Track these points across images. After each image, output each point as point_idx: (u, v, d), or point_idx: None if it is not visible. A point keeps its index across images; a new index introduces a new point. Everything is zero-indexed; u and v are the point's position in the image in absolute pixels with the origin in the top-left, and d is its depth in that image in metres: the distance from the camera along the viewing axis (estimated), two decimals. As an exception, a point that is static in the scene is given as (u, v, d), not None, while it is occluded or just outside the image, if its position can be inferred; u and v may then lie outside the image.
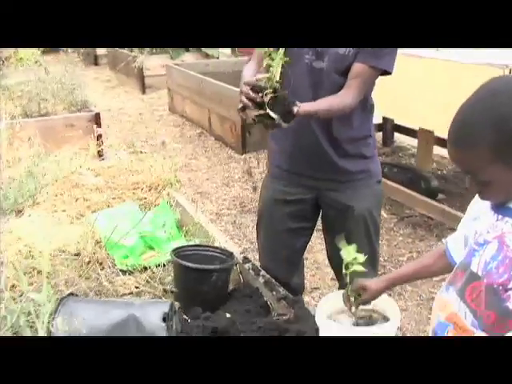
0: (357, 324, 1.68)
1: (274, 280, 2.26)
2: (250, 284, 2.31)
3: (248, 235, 4.71)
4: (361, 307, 1.70)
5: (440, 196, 5.19)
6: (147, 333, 1.69)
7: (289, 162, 2.62)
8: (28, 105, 4.65)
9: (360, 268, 1.67)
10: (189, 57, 11.02)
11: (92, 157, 3.76)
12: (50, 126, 4.24)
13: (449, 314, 1.57)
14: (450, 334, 1.57)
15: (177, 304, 1.86)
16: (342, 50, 2.34)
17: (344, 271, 1.70)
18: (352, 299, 1.73)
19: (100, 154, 3.99)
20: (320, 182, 2.58)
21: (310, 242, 2.90)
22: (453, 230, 4.75)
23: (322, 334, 1.62)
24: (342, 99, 2.37)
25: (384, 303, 1.68)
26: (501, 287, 1.43)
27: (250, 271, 2.33)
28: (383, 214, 4.85)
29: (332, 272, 3.02)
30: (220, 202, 5.53)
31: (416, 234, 4.74)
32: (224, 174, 6.30)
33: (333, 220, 2.65)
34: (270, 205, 2.71)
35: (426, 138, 5.39)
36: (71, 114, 4.58)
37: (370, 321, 1.68)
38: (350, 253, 1.67)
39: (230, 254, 2.32)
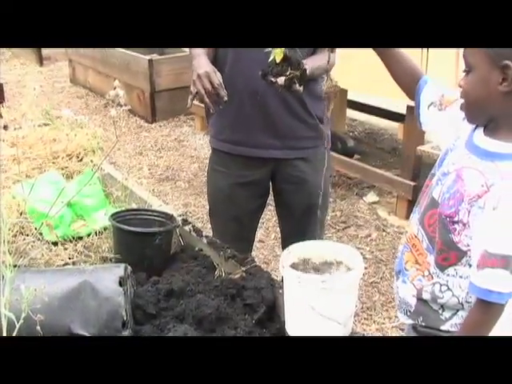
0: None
1: (217, 240, 2.20)
2: (193, 246, 2.24)
3: (170, 203, 4.61)
4: (324, 258, 1.66)
5: (356, 156, 5.27)
6: (103, 298, 1.59)
7: (245, 130, 2.49)
8: None
9: None
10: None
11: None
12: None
13: (409, 235, 1.60)
14: (404, 257, 1.61)
15: (129, 268, 1.75)
16: None
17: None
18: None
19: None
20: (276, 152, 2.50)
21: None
22: (372, 187, 4.85)
23: (285, 283, 1.58)
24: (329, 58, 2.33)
25: (348, 253, 1.65)
26: (448, 219, 1.46)
27: (192, 233, 2.26)
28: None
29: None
30: (135, 172, 5.38)
31: (337, 194, 4.79)
32: (136, 144, 6.13)
33: (289, 195, 2.61)
34: (226, 190, 2.62)
35: (340, 98, 5.43)
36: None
37: (331, 270, 1.65)
38: None
39: (170, 217, 2.23)
